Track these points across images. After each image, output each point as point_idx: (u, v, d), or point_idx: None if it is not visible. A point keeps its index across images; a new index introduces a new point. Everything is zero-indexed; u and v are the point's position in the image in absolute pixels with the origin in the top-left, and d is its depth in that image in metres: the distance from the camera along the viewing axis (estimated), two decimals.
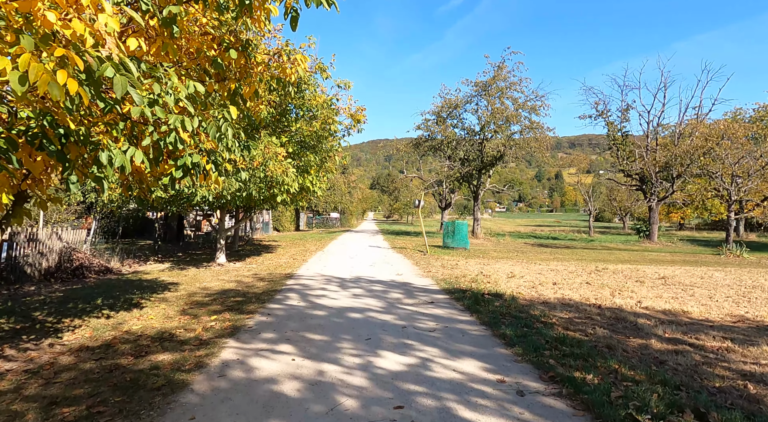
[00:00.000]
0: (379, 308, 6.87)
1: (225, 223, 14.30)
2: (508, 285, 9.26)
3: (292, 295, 7.97)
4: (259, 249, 20.34)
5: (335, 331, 5.45)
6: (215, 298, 8.02)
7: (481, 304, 7.05)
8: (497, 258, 16.47)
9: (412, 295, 8.01)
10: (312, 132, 12.56)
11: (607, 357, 4.50)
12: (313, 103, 12.74)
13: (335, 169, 15.78)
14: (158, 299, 8.08)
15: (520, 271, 12.04)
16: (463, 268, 12.43)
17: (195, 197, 10.51)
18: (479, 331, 5.49)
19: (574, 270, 12.92)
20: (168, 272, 12.15)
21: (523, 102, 27.08)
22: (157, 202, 12.90)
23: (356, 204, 66.34)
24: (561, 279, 10.72)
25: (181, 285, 9.74)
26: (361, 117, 13.14)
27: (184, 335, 5.50)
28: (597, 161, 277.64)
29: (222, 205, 13.25)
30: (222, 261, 13.97)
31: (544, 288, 9.24)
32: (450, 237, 21.03)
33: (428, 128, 29.38)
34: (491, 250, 21.29)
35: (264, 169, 10.85)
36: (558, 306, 7.36)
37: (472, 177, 29.49)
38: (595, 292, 8.83)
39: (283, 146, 12.43)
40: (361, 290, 8.47)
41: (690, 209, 57.56)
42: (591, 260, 17.40)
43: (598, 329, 5.80)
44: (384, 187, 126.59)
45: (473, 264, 14.00)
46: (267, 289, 8.82)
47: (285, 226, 39.99)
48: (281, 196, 12.06)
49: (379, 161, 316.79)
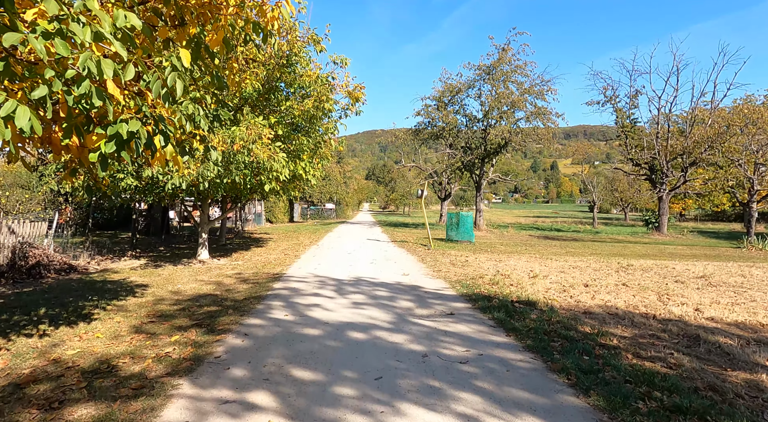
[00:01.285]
0: (387, 323, 5.44)
1: (208, 215, 12.78)
2: (535, 289, 7.86)
3: (278, 304, 6.52)
4: (248, 242, 18.84)
5: (333, 364, 4.02)
6: (184, 307, 6.57)
7: (514, 317, 5.63)
8: (508, 253, 15.09)
9: (426, 303, 6.58)
10: (304, 112, 11.02)
11: (727, 412, 3.09)
12: (305, 79, 11.19)
13: (330, 155, 14.27)
14: (116, 308, 6.61)
15: (540, 269, 10.65)
16: (476, 266, 11.02)
17: (166, 185, 8.99)
18: (527, 363, 4.07)
19: (598, 267, 11.55)
20: (141, 271, 10.66)
21: (529, 86, 25.54)
22: (127, 191, 11.38)
23: (352, 194, 64.81)
24: (590, 279, 9.34)
25: (150, 289, 8.27)
26: (359, 95, 11.60)
27: (127, 368, 4.05)
28: (594, 152, 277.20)
29: (203, 194, 11.73)
30: (204, 258, 12.48)
31: (577, 291, 7.85)
32: (454, 230, 19.63)
33: (429, 114, 27.80)
34: (498, 244, 19.92)
35: (248, 152, 9.35)
36: (606, 317, 5.97)
37: (474, 166, 28.01)
38: (639, 297, 7.44)
39: (272, 128, 10.92)
40: (363, 296, 7.02)
41: (692, 200, 56.64)
42: (608, 255, 16.08)
43: (678, 355, 4.41)
44: (380, 177, 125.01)
45: (484, 260, 12.60)
46: (249, 295, 7.36)
47: (278, 218, 38.46)
48: (269, 184, 10.58)
49: (374, 152, 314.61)
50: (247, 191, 12.44)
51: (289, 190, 13.82)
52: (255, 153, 9.28)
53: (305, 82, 11.17)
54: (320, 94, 10.79)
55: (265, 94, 11.42)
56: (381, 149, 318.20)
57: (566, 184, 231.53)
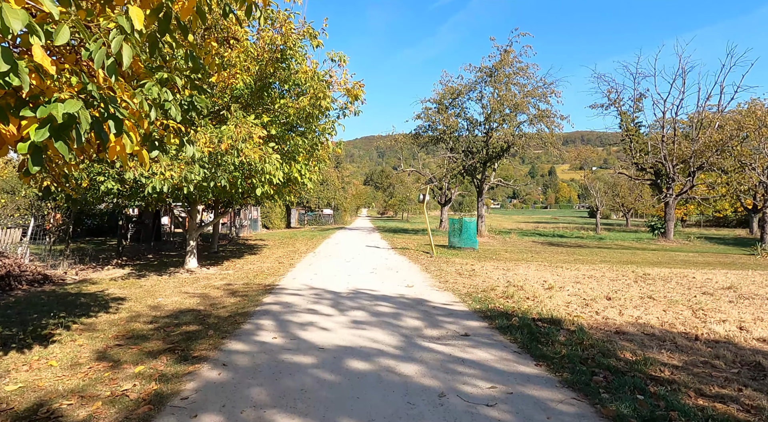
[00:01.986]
0: (393, 348, 4.64)
1: (197, 221, 11.97)
2: (554, 303, 7.07)
3: (267, 323, 5.70)
4: (242, 250, 18.01)
5: (328, 409, 3.21)
6: (161, 326, 5.75)
7: (540, 340, 4.84)
8: (515, 261, 14.31)
9: (435, 322, 5.77)
10: (299, 110, 10.26)
11: None
12: (300, 76, 10.44)
13: (328, 157, 13.49)
14: (82, 327, 5.79)
15: (554, 280, 9.87)
16: (485, 276, 10.23)
17: (146, 189, 8.19)
18: (571, 406, 3.27)
19: (614, 277, 10.78)
20: (122, 281, 9.84)
21: (532, 89, 24.90)
22: (109, 196, 10.59)
23: (350, 200, 64.01)
24: (610, 291, 8.56)
25: (128, 303, 7.45)
26: (359, 92, 10.85)
27: (70, 413, 3.24)
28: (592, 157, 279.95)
29: (190, 199, 10.93)
30: (192, 267, 11.65)
31: (600, 305, 7.07)
32: (456, 237, 18.84)
33: (429, 117, 27.09)
34: (502, 251, 19.14)
35: (237, 153, 8.58)
36: (644, 339, 5.18)
37: (476, 170, 27.29)
38: (672, 313, 6.66)
39: (265, 128, 10.17)
40: (364, 313, 6.21)
41: (693, 205, 56.03)
42: (619, 262, 15.32)
43: (749, 392, 3.62)
44: (377, 183, 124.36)
45: (492, 269, 11.81)
46: (236, 311, 6.55)
47: (275, 223, 37.63)
48: (262, 188, 9.80)
49: (372, 157, 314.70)
50: (239, 195, 11.66)
51: (284, 195, 13.03)
52: (245, 153, 8.50)
53: (301, 79, 10.42)
54: (317, 91, 10.04)
55: (257, 92, 10.66)
56: (379, 155, 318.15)
57: (564, 189, 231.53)
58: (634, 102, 29.01)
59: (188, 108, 4.19)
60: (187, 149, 4.40)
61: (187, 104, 4.18)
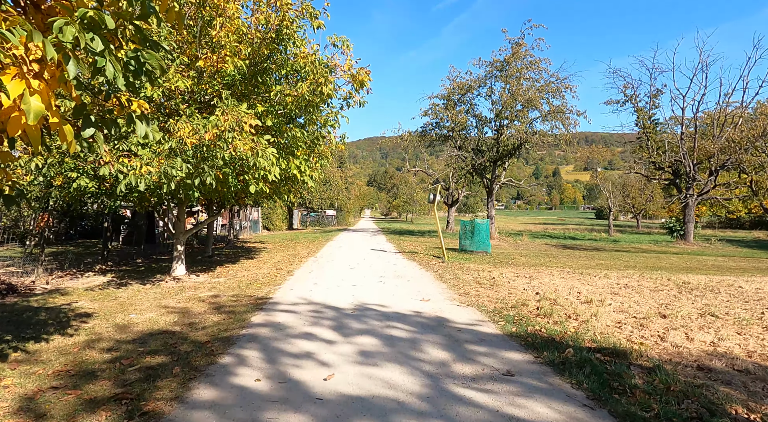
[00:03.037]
0: (416, 399, 3.42)
1: (184, 223, 10.79)
2: (603, 323, 5.84)
3: (250, 355, 4.49)
4: (239, 253, 16.83)
5: None
6: (120, 357, 4.57)
7: (613, 385, 3.61)
8: (535, 267, 13.07)
9: (466, 353, 4.55)
10: (297, 98, 9.07)
11: None
12: (299, 61, 9.26)
13: (330, 154, 12.29)
14: (24, 357, 4.62)
15: (587, 291, 8.64)
16: (508, 286, 9.00)
17: (118, 187, 7.01)
18: None
19: (653, 286, 9.52)
20: (97, 292, 8.67)
21: (545, 84, 23.64)
22: (86, 195, 9.45)
23: (354, 201, 62.82)
24: (659, 305, 7.32)
25: (93, 320, 6.28)
26: (365, 78, 9.63)
27: None
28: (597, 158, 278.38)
29: (176, 198, 9.76)
30: (179, 274, 10.48)
31: (658, 326, 5.83)
32: (468, 239, 17.61)
33: (437, 114, 25.86)
34: (516, 254, 17.89)
35: (225, 145, 7.39)
36: (745, 380, 3.95)
37: (485, 169, 26.03)
38: (753, 338, 5.41)
39: (260, 119, 9.00)
40: (374, 340, 4.99)
41: (705, 206, 54.52)
42: (645, 267, 14.08)
43: None
44: (381, 184, 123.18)
45: (512, 276, 10.58)
46: (216, 334, 5.35)
47: (276, 225, 36.48)
48: (255, 186, 8.63)
49: (375, 158, 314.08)
50: (232, 194, 10.49)
51: (282, 194, 11.84)
52: (235, 145, 7.32)
53: (299, 63, 9.23)
54: (317, 76, 8.84)
55: (251, 78, 9.48)
56: (382, 156, 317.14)
57: (569, 190, 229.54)
58: (651, 98, 27.73)
59: (135, 68, 2.99)
60: (138, 128, 3.21)
61: (133, 63, 2.99)
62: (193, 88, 8.89)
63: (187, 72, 8.92)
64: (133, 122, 3.17)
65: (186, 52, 9.21)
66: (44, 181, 8.47)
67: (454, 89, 25.47)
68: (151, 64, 3.03)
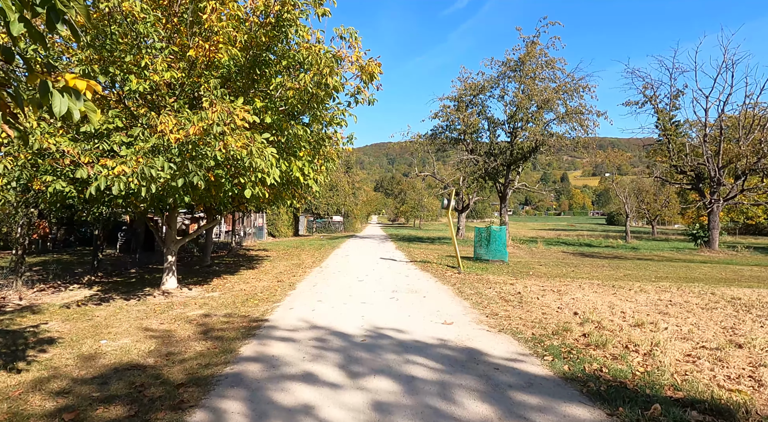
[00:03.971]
0: None
1: (176, 231, 9.81)
2: (669, 357, 4.72)
3: (231, 409, 3.44)
4: (239, 262, 15.85)
5: None
6: (67, 407, 3.55)
7: None
8: (559, 279, 11.93)
9: (512, 406, 3.46)
10: (300, 91, 8.08)
11: None
12: (302, 51, 8.28)
13: (337, 155, 11.26)
14: None
15: (629, 309, 7.51)
16: (538, 303, 7.89)
17: (88, 190, 6.04)
18: None
19: (702, 303, 8.36)
20: (74, 309, 7.70)
21: (561, 83, 22.56)
22: (66, 200, 8.52)
23: (361, 207, 61.83)
24: (722, 329, 6.19)
25: (56, 348, 5.29)
26: (375, 69, 8.63)
27: None
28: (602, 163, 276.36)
29: (163, 203, 8.77)
30: (170, 287, 9.49)
31: (741, 361, 4.71)
32: (484, 247, 16.50)
33: (447, 116, 24.84)
34: (535, 264, 16.75)
35: (214, 142, 6.41)
36: None
37: (499, 173, 24.93)
38: None
39: (258, 115, 8.05)
40: (390, 383, 3.92)
41: (723, 212, 52.84)
42: (679, 279, 12.91)
43: None
44: (388, 189, 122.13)
45: (538, 290, 9.47)
46: (195, 372, 4.31)
47: (281, 231, 35.57)
48: (252, 190, 7.63)
49: (382, 164, 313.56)
50: (228, 199, 9.50)
51: (285, 199, 10.86)
52: (226, 142, 6.33)
53: (302, 54, 8.25)
54: (322, 67, 7.84)
55: (248, 69, 8.51)
56: (389, 161, 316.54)
57: (578, 196, 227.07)
58: (671, 99, 26.51)
59: (41, 2, 1.99)
60: (54, 100, 2.20)
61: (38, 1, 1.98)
62: (183, 80, 7.94)
63: (177, 63, 7.97)
64: (47, 91, 2.17)
65: (176, 42, 8.28)
66: (17, 185, 7.52)
67: (466, 90, 24.47)
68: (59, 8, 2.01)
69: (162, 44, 7.67)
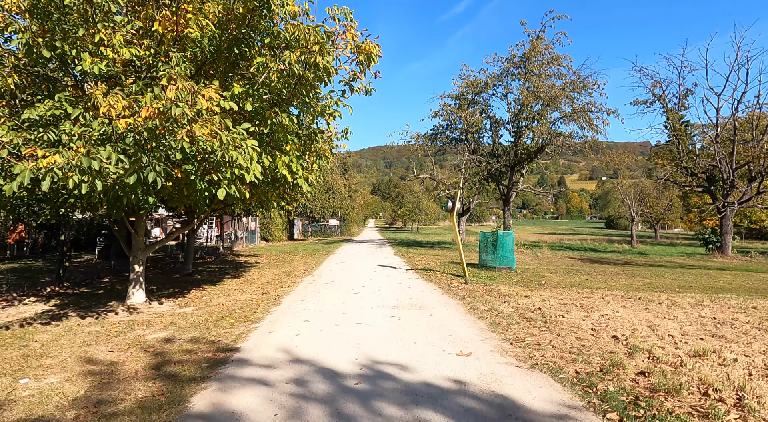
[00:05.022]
0: None
1: (143, 237, 8.55)
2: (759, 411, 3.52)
3: None
4: (225, 270, 14.57)
5: None
6: None
7: None
8: (575, 288, 10.74)
9: None
10: (285, 72, 6.87)
11: None
12: (288, 29, 7.06)
13: (330, 152, 10.00)
14: None
15: (675, 331, 6.32)
16: (565, 322, 6.66)
17: (5, 186, 4.79)
18: None
19: (754, 322, 7.17)
20: (12, 331, 6.46)
21: (569, 81, 21.44)
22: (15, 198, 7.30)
23: (358, 210, 60.53)
24: None
25: None
26: (373, 49, 7.42)
27: None
28: (599, 167, 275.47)
29: (121, 203, 7.50)
30: (136, 301, 8.23)
31: None
32: (489, 253, 15.29)
33: (448, 115, 23.67)
34: (545, 271, 15.55)
35: (179, 130, 5.19)
36: None
37: (502, 175, 23.76)
38: None
39: (238, 102, 6.87)
40: None
41: None
42: (705, 289, 11.76)
43: None
44: (385, 193, 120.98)
45: (557, 303, 8.28)
46: None
47: (275, 235, 34.22)
48: (227, 188, 6.38)
49: (379, 168, 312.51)
50: (204, 200, 8.23)
51: (270, 200, 9.63)
52: (190, 130, 5.11)
53: (288, 31, 7.02)
54: (310, 43, 6.64)
55: (225, 49, 7.30)
56: (386, 165, 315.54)
57: (575, 199, 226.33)
58: (680, 98, 25.45)
59: None
60: None
61: None
62: (148, 60, 6.72)
63: (141, 40, 6.74)
64: None
65: (141, 15, 7.05)
66: None
67: (468, 88, 23.31)
68: None
69: (123, 19, 6.45)
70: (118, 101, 5.11)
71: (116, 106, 5.08)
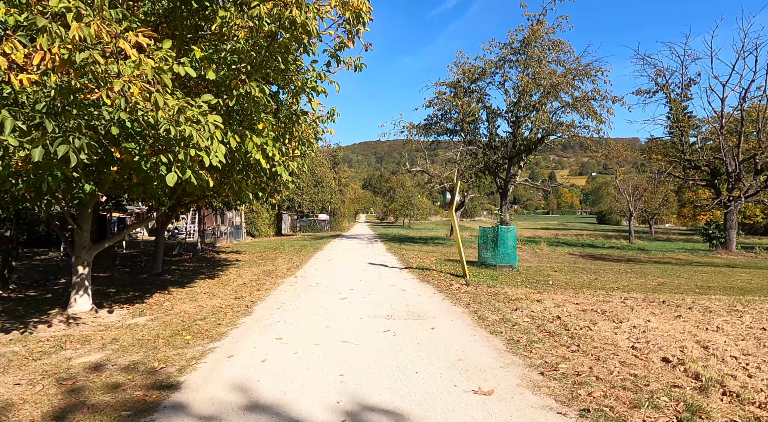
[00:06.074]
0: None
1: (88, 233, 7.19)
2: None
3: None
4: (200, 269, 13.20)
5: None
6: None
7: None
8: (589, 290, 9.60)
9: None
10: (253, 30, 5.53)
11: None
12: None
13: (315, 136, 8.62)
14: None
15: (732, 347, 5.17)
16: (598, 340, 5.47)
17: None
18: None
19: None
20: None
21: (569, 67, 20.30)
22: None
23: (348, 204, 59.15)
24: None
25: None
26: (362, 6, 6.10)
27: None
28: (588, 163, 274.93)
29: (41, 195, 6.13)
30: (79, 310, 6.89)
31: None
32: (490, 251, 14.12)
33: (443, 104, 22.40)
34: (547, 269, 14.43)
35: (103, 90, 3.86)
36: None
37: (499, 167, 22.59)
38: None
39: (198, 69, 5.56)
40: None
41: (719, 211, 51.43)
42: (725, 289, 10.84)
43: None
44: (376, 187, 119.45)
45: (575, 310, 7.11)
46: None
47: (262, 231, 32.77)
48: (179, 173, 5.06)
49: (370, 162, 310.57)
50: (159, 189, 6.86)
51: (243, 191, 8.29)
52: (111, 87, 3.77)
53: None
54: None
55: (181, 4, 5.94)
56: (377, 160, 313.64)
57: (566, 195, 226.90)
58: (683, 88, 24.48)
59: None
60: None
61: None
62: None
63: None
64: None
65: None
66: None
67: (464, 75, 22.05)
68: None
69: None
70: (18, 50, 3.76)
71: (15, 56, 3.73)
